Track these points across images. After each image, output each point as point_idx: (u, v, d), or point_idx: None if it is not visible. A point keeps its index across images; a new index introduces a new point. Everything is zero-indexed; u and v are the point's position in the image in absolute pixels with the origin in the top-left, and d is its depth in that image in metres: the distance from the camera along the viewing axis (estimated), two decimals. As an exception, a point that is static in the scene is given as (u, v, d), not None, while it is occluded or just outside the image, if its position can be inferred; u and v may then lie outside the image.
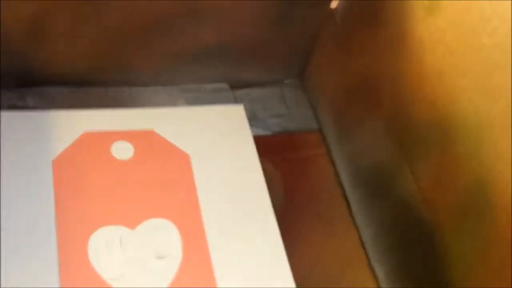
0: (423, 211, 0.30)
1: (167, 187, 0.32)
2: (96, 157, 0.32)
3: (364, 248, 0.34)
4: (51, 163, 0.32)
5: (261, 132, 0.37)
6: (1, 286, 0.28)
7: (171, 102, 0.37)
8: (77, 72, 0.35)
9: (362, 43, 0.34)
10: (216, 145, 0.35)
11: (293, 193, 0.35)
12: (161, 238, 0.31)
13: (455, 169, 0.27)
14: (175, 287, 0.30)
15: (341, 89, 0.37)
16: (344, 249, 0.34)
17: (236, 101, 0.37)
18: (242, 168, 0.34)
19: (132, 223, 0.31)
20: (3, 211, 0.30)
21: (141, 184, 0.32)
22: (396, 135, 0.31)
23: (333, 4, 0.35)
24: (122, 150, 0.33)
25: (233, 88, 0.38)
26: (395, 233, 0.33)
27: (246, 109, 0.36)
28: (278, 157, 0.37)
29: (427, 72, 0.28)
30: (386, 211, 0.33)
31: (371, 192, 0.35)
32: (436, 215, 0.29)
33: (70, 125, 0.33)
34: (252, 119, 0.37)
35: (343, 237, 0.34)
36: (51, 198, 0.31)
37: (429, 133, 0.28)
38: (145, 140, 0.34)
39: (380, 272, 0.34)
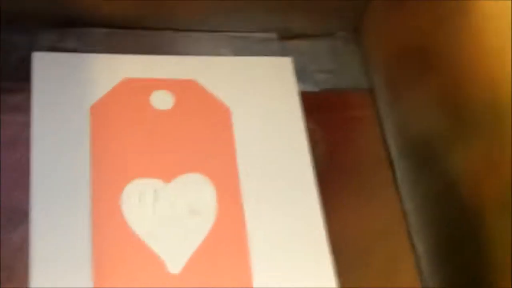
0: (469, 191, 0.29)
1: (205, 141, 0.32)
2: (135, 106, 0.32)
3: (404, 219, 0.34)
4: (89, 109, 0.32)
5: (308, 88, 0.36)
6: (30, 230, 0.28)
7: (216, 51, 0.36)
8: (118, 14, 0.34)
9: (423, 5, 0.32)
10: (259, 99, 0.34)
11: (336, 155, 0.35)
12: (196, 194, 0.31)
13: (507, 153, 0.26)
14: (207, 245, 0.30)
15: (396, 49, 0.36)
16: (383, 218, 0.34)
17: (284, 52, 0.37)
18: (285, 126, 0.34)
19: (167, 177, 0.31)
20: (36, 156, 0.30)
21: (179, 136, 0.32)
22: (450, 107, 0.30)
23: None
24: (162, 100, 0.33)
25: (282, 39, 0.38)
26: (437, 207, 0.32)
27: (294, 62, 0.36)
28: (324, 115, 0.36)
29: (488, 47, 0.27)
30: (431, 183, 0.33)
31: (418, 161, 0.34)
32: (481, 197, 0.28)
33: (110, 70, 0.33)
34: (300, 73, 0.36)
35: (384, 205, 0.34)
36: (87, 145, 0.31)
37: (484, 111, 0.27)
38: (186, 90, 0.34)
39: (418, 245, 0.33)
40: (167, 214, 0.30)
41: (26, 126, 0.30)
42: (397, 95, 0.36)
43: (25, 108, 0.30)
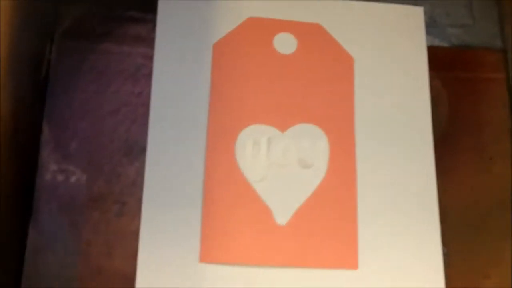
0: None
1: (325, 90, 0.32)
2: (257, 47, 0.32)
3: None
4: (212, 46, 0.32)
5: (437, 42, 0.35)
6: (146, 166, 0.29)
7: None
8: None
9: None
10: (385, 50, 0.33)
11: (457, 119, 0.34)
12: (309, 146, 0.31)
13: None
14: (315, 200, 0.30)
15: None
16: (499, 190, 0.33)
17: (416, 2, 0.35)
18: (408, 81, 0.33)
19: (283, 125, 0.31)
20: (156, 91, 0.30)
21: (299, 83, 0.32)
22: None
23: None
24: (285, 43, 0.33)
25: (416, -13, 0.36)
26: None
27: (425, 13, 0.34)
28: (450, 74, 0.35)
29: None
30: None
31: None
32: None
33: (235, 8, 0.33)
34: (430, 25, 0.35)
35: (500, 178, 0.33)
36: (207, 84, 0.31)
37: None
38: (310, 35, 0.33)
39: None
40: (279, 163, 0.31)
41: (148, 59, 0.30)
42: (533, 61, 0.34)
43: (149, 40, 0.31)
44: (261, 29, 0.33)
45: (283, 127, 0.31)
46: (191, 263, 0.28)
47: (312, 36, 0.33)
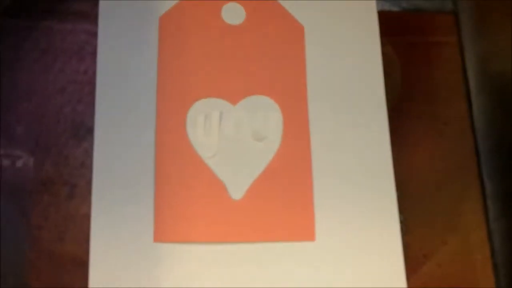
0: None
1: (275, 61, 0.31)
2: (205, 18, 0.31)
3: (476, 156, 0.33)
4: (158, 19, 0.31)
5: (387, 7, 0.34)
6: (94, 147, 0.28)
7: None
8: None
9: None
10: (335, 18, 0.33)
11: (410, 84, 0.34)
12: (262, 118, 0.31)
13: None
14: (269, 172, 0.30)
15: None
16: (454, 156, 0.33)
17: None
18: (359, 47, 0.32)
19: (234, 98, 0.30)
20: (102, 69, 0.30)
21: (248, 54, 0.31)
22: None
23: None
24: (233, 14, 0.32)
25: (365, -49, 0.35)
26: (513, 152, 0.31)
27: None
28: (402, 39, 0.34)
29: None
30: (508, 125, 0.31)
31: (497, 99, 0.32)
32: None
33: (182, -20, 0.31)
34: (381, -10, 0.34)
35: (457, 142, 0.33)
36: (154, 59, 0.30)
37: None
38: (258, 4, 0.32)
39: (488, 187, 0.32)
40: (232, 137, 0.30)
41: (93, 35, 0.29)
42: (485, 23, 0.34)
43: (92, 16, 0.30)
44: (208, 0, 0.32)
45: (234, 100, 0.30)
46: (145, 243, 0.28)
47: (261, 5, 0.32)
